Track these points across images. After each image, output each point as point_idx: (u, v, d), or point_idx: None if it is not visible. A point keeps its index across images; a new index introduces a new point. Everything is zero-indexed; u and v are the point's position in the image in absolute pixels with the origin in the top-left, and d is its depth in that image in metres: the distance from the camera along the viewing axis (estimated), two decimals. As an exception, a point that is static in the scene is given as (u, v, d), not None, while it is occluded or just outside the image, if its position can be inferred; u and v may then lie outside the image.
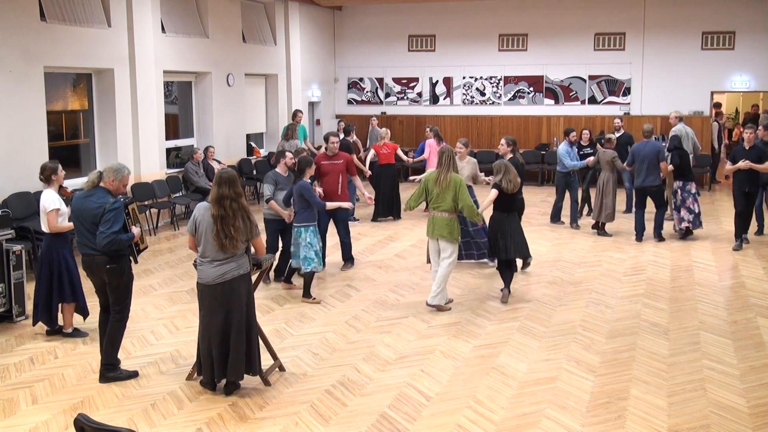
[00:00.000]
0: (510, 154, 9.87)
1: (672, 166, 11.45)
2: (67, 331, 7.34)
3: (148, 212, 12.23)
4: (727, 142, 19.62)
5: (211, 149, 13.86)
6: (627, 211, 13.65)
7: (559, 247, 11.25)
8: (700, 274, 9.64)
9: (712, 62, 17.32)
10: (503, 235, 8.40)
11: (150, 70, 12.55)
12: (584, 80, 18.22)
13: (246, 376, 5.96)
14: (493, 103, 18.95)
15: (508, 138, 10.17)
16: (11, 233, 7.91)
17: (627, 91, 17.95)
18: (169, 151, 13.83)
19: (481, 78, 18.97)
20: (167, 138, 13.66)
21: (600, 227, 11.97)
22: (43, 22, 10.61)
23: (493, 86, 18.90)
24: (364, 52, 19.70)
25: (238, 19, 15.55)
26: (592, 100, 18.22)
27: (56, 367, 6.59)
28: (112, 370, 6.23)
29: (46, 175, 7.19)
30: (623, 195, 13.73)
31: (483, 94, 19.01)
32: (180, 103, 14.78)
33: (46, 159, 10.62)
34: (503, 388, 6.07)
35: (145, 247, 6.87)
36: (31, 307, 8.13)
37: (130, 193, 11.69)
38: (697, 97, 17.47)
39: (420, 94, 19.44)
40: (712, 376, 6.31)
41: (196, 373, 6.13)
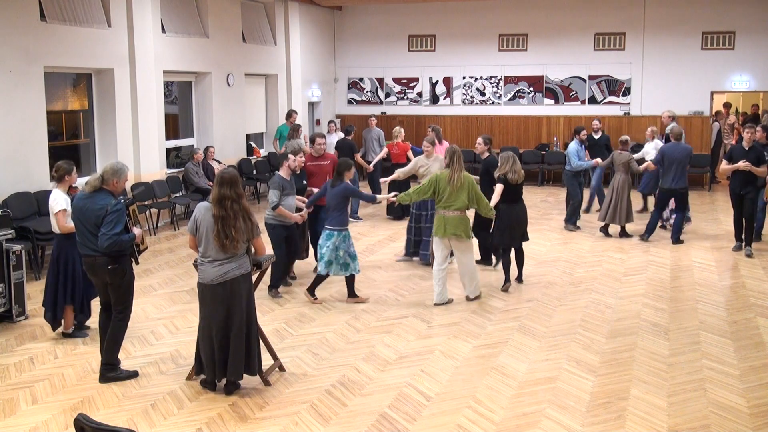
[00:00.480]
0: (486, 153, 9.99)
1: (653, 165, 11.47)
2: (66, 332, 7.33)
3: (148, 212, 12.24)
4: (734, 143, 19.60)
5: (211, 149, 13.85)
6: (586, 210, 13.66)
7: (559, 247, 11.25)
8: (700, 274, 9.64)
9: (712, 62, 17.31)
10: (519, 224, 8.94)
11: (150, 70, 12.56)
12: (584, 80, 18.22)
13: (246, 376, 5.96)
14: (493, 103, 18.95)
15: (485, 137, 10.34)
16: (11, 233, 7.91)
17: (627, 91, 17.95)
18: (169, 151, 13.83)
19: (481, 78, 18.97)
20: (167, 138, 13.66)
21: (623, 231, 11.73)
22: (43, 22, 10.61)
23: (493, 86, 18.90)
24: (364, 52, 19.70)
25: (238, 19, 15.55)
26: (592, 100, 18.21)
27: (56, 367, 6.59)
28: (112, 370, 6.23)
29: (60, 174, 7.12)
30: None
31: (483, 94, 19.00)
32: (180, 103, 14.78)
33: (46, 159, 10.66)
34: (503, 388, 6.07)
35: (146, 248, 6.87)
36: (32, 307, 8.17)
37: (129, 193, 11.70)
38: (697, 97, 17.47)
39: (420, 94, 19.44)
40: (712, 376, 6.31)
41: (195, 373, 6.14)
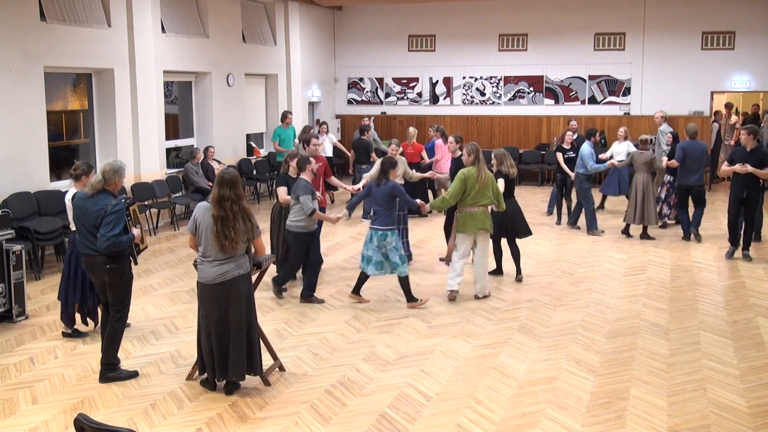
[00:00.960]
0: (459, 152, 9.99)
1: (676, 162, 11.46)
2: (66, 332, 7.33)
3: (148, 212, 12.23)
4: (733, 143, 19.60)
5: (211, 149, 13.85)
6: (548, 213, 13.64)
7: (559, 247, 11.24)
8: (700, 274, 9.64)
9: (712, 62, 17.32)
10: (511, 219, 9.11)
11: (150, 70, 12.55)
12: (584, 80, 18.22)
13: (246, 376, 5.96)
14: (493, 103, 18.95)
15: (456, 136, 10.42)
16: (11, 233, 7.92)
17: (627, 91, 17.95)
18: (169, 151, 13.83)
19: (481, 78, 18.97)
20: (167, 138, 13.66)
21: (644, 232, 11.67)
22: (43, 22, 10.61)
23: (493, 86, 18.90)
24: (364, 52, 19.70)
25: (238, 19, 15.55)
26: (592, 100, 18.22)
27: (56, 367, 6.59)
28: (112, 370, 6.23)
29: (77, 174, 7.00)
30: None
31: (483, 94, 19.01)
32: (180, 103, 14.78)
33: (46, 159, 10.68)
34: (503, 388, 6.07)
35: (145, 248, 6.87)
36: (32, 307, 8.18)
37: (130, 193, 11.70)
38: (697, 97, 17.47)
39: (420, 94, 19.44)
40: (712, 376, 6.31)
41: (198, 372, 6.13)
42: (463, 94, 19.14)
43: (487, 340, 7.21)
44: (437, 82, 19.29)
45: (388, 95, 19.67)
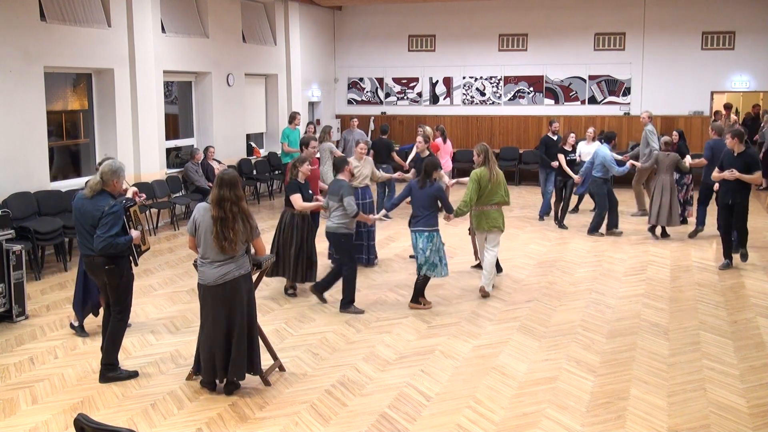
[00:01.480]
0: (426, 152, 10.07)
1: (705, 161, 11.43)
2: (74, 324, 7.40)
3: (148, 212, 12.23)
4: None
5: (211, 149, 13.85)
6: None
7: (559, 247, 11.25)
8: (700, 274, 9.64)
9: (712, 62, 17.32)
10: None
11: (150, 70, 12.55)
12: (584, 80, 18.22)
13: (246, 376, 5.96)
14: (493, 103, 18.95)
15: (424, 135, 10.45)
16: (11, 233, 7.92)
17: (627, 91, 17.95)
18: (169, 151, 13.83)
19: (481, 78, 18.97)
20: (167, 138, 13.66)
21: (663, 231, 11.69)
22: (43, 22, 10.61)
23: (493, 86, 18.90)
24: (364, 52, 19.70)
25: (238, 19, 15.55)
26: (592, 100, 18.22)
27: (56, 367, 6.59)
28: (112, 370, 6.23)
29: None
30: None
31: (483, 94, 19.01)
32: (180, 103, 14.78)
33: (46, 159, 10.68)
34: (503, 388, 6.07)
35: (147, 249, 6.86)
36: (32, 307, 8.18)
37: (130, 193, 11.67)
38: (697, 97, 17.48)
39: (420, 94, 19.44)
40: (712, 376, 6.31)
41: (194, 373, 6.14)
42: (463, 94, 19.14)
43: (487, 340, 7.21)
44: (437, 82, 19.29)
45: (388, 95, 19.67)
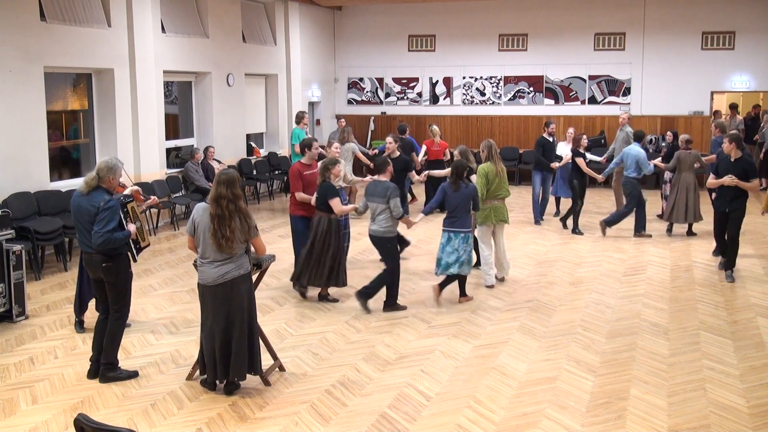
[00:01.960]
0: (397, 153, 10.09)
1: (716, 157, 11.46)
2: (81, 320, 7.46)
3: (148, 212, 12.22)
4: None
5: (210, 149, 13.85)
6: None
7: (559, 247, 11.25)
8: (700, 274, 9.64)
9: (712, 62, 17.32)
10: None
11: (150, 70, 12.56)
12: (584, 80, 18.22)
13: (246, 376, 5.96)
14: (493, 103, 18.95)
15: (394, 136, 10.57)
16: (11, 233, 7.92)
17: (627, 91, 17.95)
18: (169, 151, 13.83)
19: (481, 78, 18.97)
20: (167, 138, 13.66)
21: (689, 230, 11.79)
22: (43, 22, 10.61)
23: (493, 86, 18.90)
24: (364, 52, 19.69)
25: (238, 19, 15.55)
26: (592, 100, 18.22)
27: (56, 367, 6.59)
28: (112, 369, 6.23)
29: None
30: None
31: (483, 94, 19.01)
32: (180, 103, 14.78)
33: (46, 159, 10.68)
34: (503, 388, 6.07)
35: (147, 245, 6.85)
36: (32, 307, 8.18)
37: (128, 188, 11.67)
38: (697, 97, 17.48)
39: (420, 94, 19.44)
40: (712, 376, 6.31)
41: (198, 372, 6.13)
42: (463, 94, 19.14)
43: (487, 340, 7.21)
44: (437, 82, 19.28)
45: (388, 95, 19.67)
